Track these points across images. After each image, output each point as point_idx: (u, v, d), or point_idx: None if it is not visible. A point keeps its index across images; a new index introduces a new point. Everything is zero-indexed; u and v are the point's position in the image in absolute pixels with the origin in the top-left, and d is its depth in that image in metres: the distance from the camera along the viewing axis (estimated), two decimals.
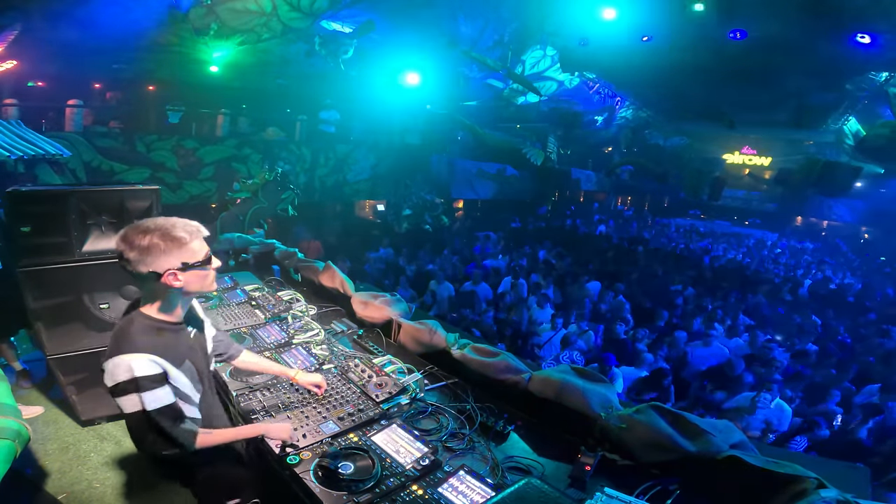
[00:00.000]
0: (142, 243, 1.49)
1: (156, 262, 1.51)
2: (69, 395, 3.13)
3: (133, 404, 1.53)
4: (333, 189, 13.02)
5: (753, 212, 24.63)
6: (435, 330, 2.71)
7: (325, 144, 12.71)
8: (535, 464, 1.91)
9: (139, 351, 1.52)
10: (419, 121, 15.59)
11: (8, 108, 8.69)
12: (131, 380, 1.50)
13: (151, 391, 1.53)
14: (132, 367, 1.50)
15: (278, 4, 10.37)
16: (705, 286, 9.82)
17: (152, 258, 1.51)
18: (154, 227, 1.52)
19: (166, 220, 1.57)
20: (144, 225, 1.53)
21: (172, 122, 11.95)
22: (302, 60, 12.40)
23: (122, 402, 1.54)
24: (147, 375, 1.52)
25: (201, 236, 1.62)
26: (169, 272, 1.53)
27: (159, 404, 1.54)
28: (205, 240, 1.65)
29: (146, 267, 1.51)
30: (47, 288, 2.79)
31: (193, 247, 1.58)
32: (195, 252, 1.58)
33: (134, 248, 1.49)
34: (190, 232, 1.58)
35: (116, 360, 1.51)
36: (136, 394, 1.52)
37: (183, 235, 1.55)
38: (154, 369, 1.54)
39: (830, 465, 2.54)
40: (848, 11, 10.11)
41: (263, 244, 4.56)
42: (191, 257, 1.57)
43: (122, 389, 1.52)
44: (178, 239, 1.53)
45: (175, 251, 1.53)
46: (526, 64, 16.51)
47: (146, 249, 1.49)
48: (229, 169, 10.97)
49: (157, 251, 1.50)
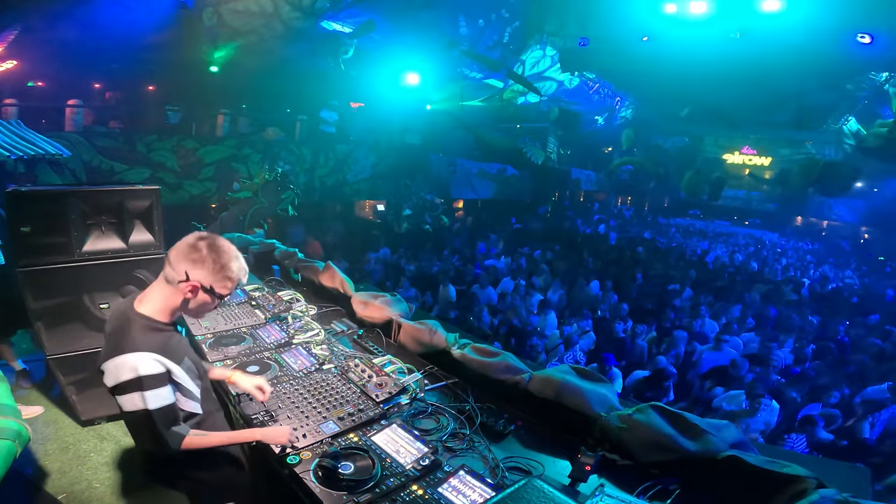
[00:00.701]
0: (201, 249, 1.60)
1: (194, 271, 1.60)
2: (69, 395, 3.12)
3: (134, 403, 1.54)
4: (333, 189, 13.02)
5: (753, 212, 24.62)
6: (435, 330, 2.71)
7: (325, 144, 12.71)
8: (535, 464, 1.91)
9: (142, 350, 1.54)
10: (419, 121, 15.58)
11: (8, 108, 8.69)
12: (135, 378, 1.52)
13: (154, 390, 1.54)
14: (136, 366, 1.52)
15: (279, 5, 10.38)
16: (705, 286, 9.82)
17: (196, 267, 1.60)
18: (222, 249, 1.65)
19: (233, 248, 1.70)
20: (215, 238, 1.66)
21: (172, 122, 11.94)
22: (302, 60, 12.41)
23: (123, 400, 1.55)
24: (151, 374, 1.54)
25: (241, 279, 1.73)
26: (193, 284, 1.60)
27: (161, 403, 1.56)
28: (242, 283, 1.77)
29: (183, 268, 1.59)
30: (47, 288, 2.79)
31: (229, 284, 1.68)
32: (226, 288, 1.68)
33: (190, 247, 1.60)
34: (241, 274, 1.71)
35: (119, 360, 1.52)
36: (138, 392, 1.52)
37: (233, 271, 1.67)
38: (158, 368, 1.56)
39: (830, 465, 2.54)
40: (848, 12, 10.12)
41: (263, 244, 4.56)
42: (220, 288, 1.66)
43: (124, 388, 1.53)
44: (227, 269, 1.65)
45: (215, 275, 1.63)
46: (526, 64, 16.52)
47: (199, 258, 1.60)
48: (229, 169, 10.97)
49: (205, 265, 1.60)
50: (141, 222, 2.96)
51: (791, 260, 15.50)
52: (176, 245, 1.64)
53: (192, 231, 1.70)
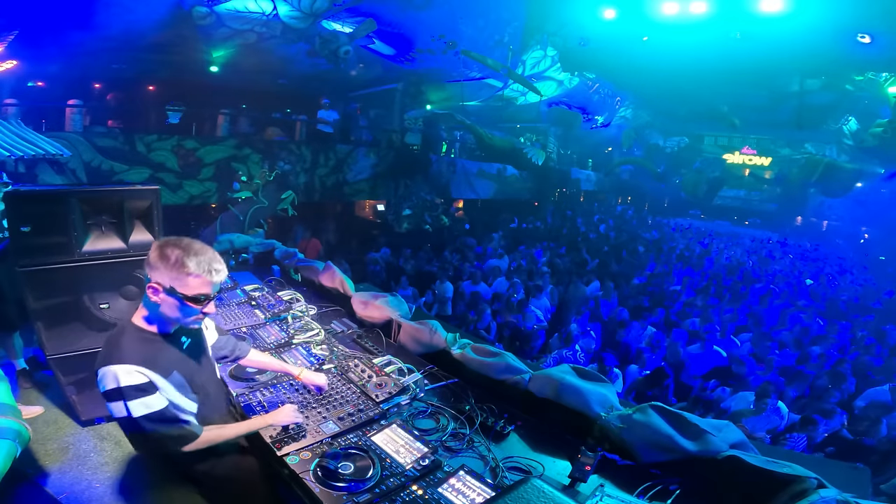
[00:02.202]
0: (163, 251, 1.58)
1: (153, 272, 1.59)
2: (69, 395, 3.12)
3: (119, 411, 1.58)
4: (333, 189, 13.00)
5: (753, 212, 24.62)
6: (435, 330, 2.71)
7: (325, 144, 12.70)
8: (535, 464, 1.91)
9: (124, 362, 1.57)
10: (419, 121, 15.58)
11: (8, 108, 8.68)
12: (116, 389, 1.55)
13: (137, 399, 1.56)
14: (117, 377, 1.55)
15: (278, 4, 10.38)
16: (705, 286, 9.82)
17: (154, 268, 1.59)
18: (181, 246, 1.60)
19: (200, 247, 1.63)
20: (178, 240, 1.62)
21: (172, 122, 11.93)
22: (302, 60, 12.40)
23: (111, 407, 1.60)
24: (131, 385, 1.56)
25: (209, 279, 1.63)
26: (154, 285, 1.59)
27: (147, 410, 1.58)
28: (214, 283, 1.65)
29: (149, 272, 1.60)
30: (47, 288, 2.79)
31: (190, 280, 1.59)
32: (188, 285, 1.59)
33: (152, 251, 1.60)
34: (201, 269, 1.60)
35: (104, 370, 1.57)
36: (121, 402, 1.56)
37: (190, 266, 1.58)
38: (139, 379, 1.57)
39: (830, 465, 2.55)
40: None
41: (263, 244, 4.56)
42: (180, 287, 1.59)
43: (109, 396, 1.58)
44: (184, 266, 1.58)
45: (173, 272, 1.58)
46: (527, 64, 16.51)
47: (158, 258, 1.58)
48: (229, 169, 10.96)
49: (161, 263, 1.58)
50: (141, 222, 2.96)
51: (791, 260, 15.49)
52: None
53: (192, 231, 1.70)
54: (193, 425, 1.69)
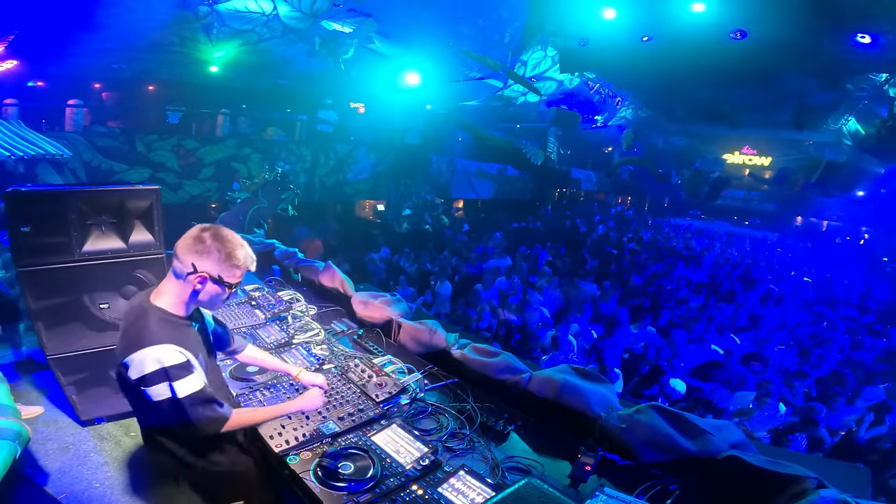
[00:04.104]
0: (205, 240, 1.60)
1: (202, 261, 1.61)
2: (69, 395, 3.12)
3: (161, 393, 1.56)
4: (333, 189, 13.01)
5: (753, 212, 24.60)
6: (435, 330, 2.71)
7: (325, 144, 12.71)
8: (535, 464, 1.91)
9: (163, 342, 1.57)
10: (419, 121, 15.58)
11: (8, 108, 8.69)
12: (161, 370, 1.54)
13: (182, 379, 1.57)
14: (161, 358, 1.54)
15: (278, 5, 10.38)
16: (704, 286, 9.81)
17: (203, 257, 1.60)
18: (229, 237, 1.66)
19: (239, 237, 1.71)
20: (218, 229, 1.66)
21: (172, 122, 11.94)
22: (302, 60, 12.41)
23: (150, 391, 1.57)
24: (175, 364, 1.56)
25: (248, 269, 1.72)
26: (201, 275, 1.61)
27: (192, 390, 1.58)
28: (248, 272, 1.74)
29: (190, 260, 1.60)
30: (47, 288, 2.79)
31: (237, 272, 1.68)
32: (234, 276, 1.68)
33: (194, 239, 1.61)
34: (247, 261, 1.70)
35: (139, 354, 1.55)
36: (165, 383, 1.55)
37: (239, 257, 1.66)
38: (180, 358, 1.58)
39: (830, 465, 2.55)
40: (849, 11, 10.12)
41: (263, 244, 4.55)
42: (228, 276, 1.66)
43: (150, 380, 1.55)
44: (233, 257, 1.64)
45: (222, 264, 1.63)
46: (528, 65, 16.50)
47: (204, 248, 1.60)
48: (229, 169, 10.97)
49: (215, 254, 1.61)
50: (141, 222, 2.96)
51: (791, 260, 15.49)
52: (181, 238, 1.65)
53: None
54: (225, 407, 1.70)
